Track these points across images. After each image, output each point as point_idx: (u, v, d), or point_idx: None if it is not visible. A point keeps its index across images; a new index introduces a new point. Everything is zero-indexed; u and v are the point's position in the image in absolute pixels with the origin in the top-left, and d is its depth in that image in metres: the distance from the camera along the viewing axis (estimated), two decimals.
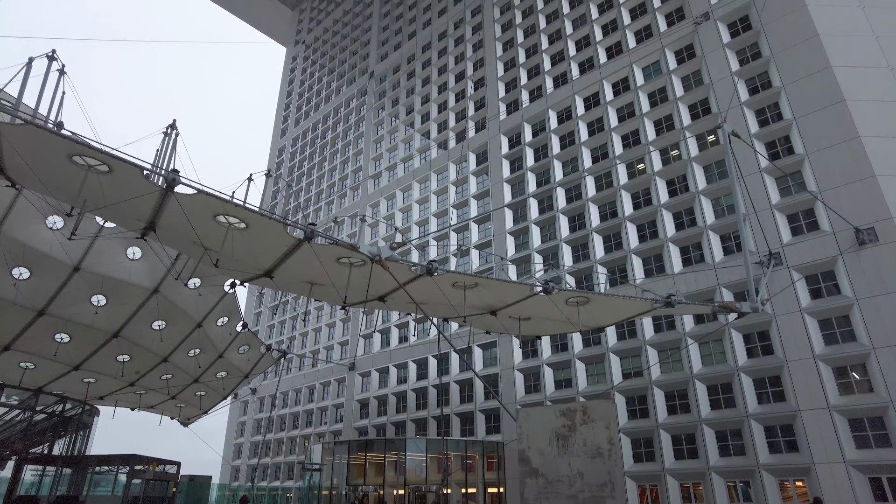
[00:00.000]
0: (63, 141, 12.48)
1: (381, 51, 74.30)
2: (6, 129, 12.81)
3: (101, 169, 13.68)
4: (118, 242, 22.11)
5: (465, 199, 52.91)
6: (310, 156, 79.48)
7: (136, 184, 14.01)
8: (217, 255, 17.35)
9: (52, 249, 20.93)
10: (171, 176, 13.49)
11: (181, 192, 14.07)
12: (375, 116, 70.07)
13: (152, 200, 14.82)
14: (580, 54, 48.62)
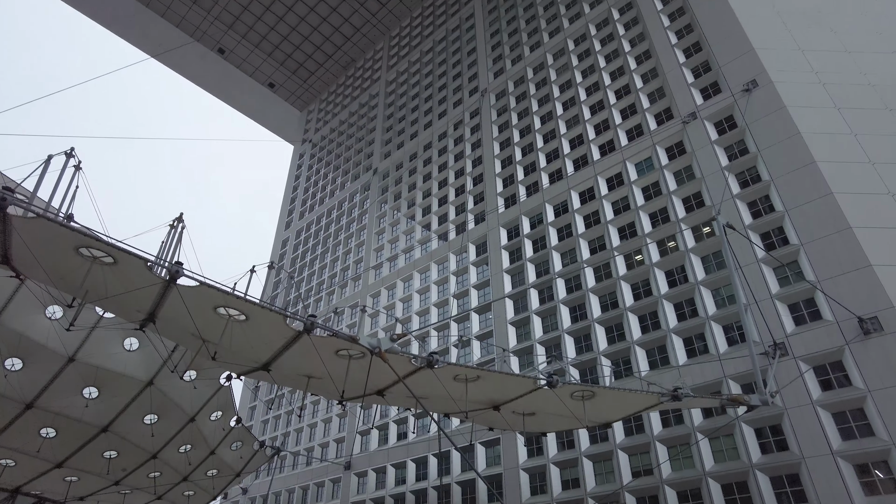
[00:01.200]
0: (71, 233, 12.75)
1: (384, 149, 77.60)
2: (18, 223, 13.12)
3: (105, 261, 13.86)
4: (116, 333, 21.94)
5: (466, 290, 53.03)
6: (312, 247, 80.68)
7: (140, 275, 14.14)
8: (215, 348, 17.15)
9: (48, 340, 20.71)
10: (174, 268, 13.64)
11: (183, 283, 14.17)
12: (378, 210, 71.90)
13: (154, 292, 14.88)
14: (574, 152, 50.71)
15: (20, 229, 13.34)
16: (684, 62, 45.82)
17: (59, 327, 20.17)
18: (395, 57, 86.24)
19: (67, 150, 19.25)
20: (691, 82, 44.43)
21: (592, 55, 54.42)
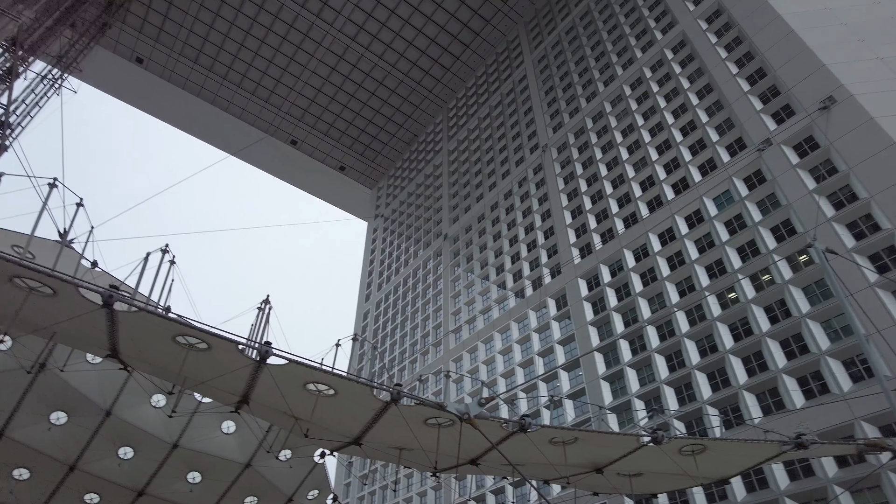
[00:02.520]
0: (169, 323, 13.44)
1: (452, 214, 79.03)
2: (122, 317, 14.04)
3: (200, 347, 14.46)
4: (214, 417, 22.64)
5: (550, 346, 51.43)
6: (392, 317, 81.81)
7: (232, 358, 14.61)
8: (307, 425, 17.23)
9: (154, 427, 21.66)
10: (264, 348, 14.00)
11: (273, 362, 14.49)
12: (451, 274, 72.41)
13: (246, 373, 15.29)
14: (646, 194, 49.39)
15: (125, 323, 14.24)
16: (749, 90, 44.31)
17: (162, 415, 21.10)
18: (455, 127, 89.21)
19: (162, 246, 20.76)
20: (760, 109, 42.73)
21: (651, 97, 53.86)
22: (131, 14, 79.71)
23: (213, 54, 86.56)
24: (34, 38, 43.72)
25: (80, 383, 20.36)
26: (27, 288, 13.66)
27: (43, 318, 15.42)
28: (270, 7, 79.99)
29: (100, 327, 14.83)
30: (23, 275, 13.15)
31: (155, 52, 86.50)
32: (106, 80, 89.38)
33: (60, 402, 20.70)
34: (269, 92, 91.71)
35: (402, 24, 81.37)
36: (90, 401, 20.81)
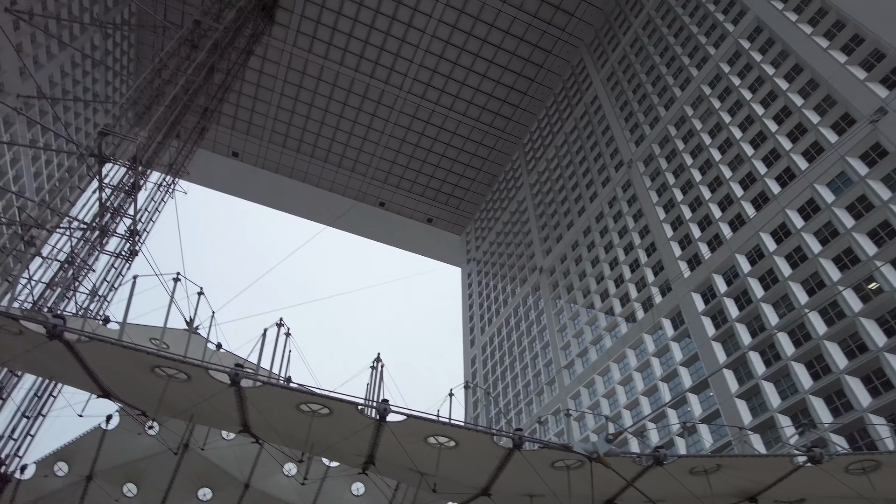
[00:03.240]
0: (292, 393, 14.04)
1: (544, 247, 78.00)
2: (250, 393, 14.87)
3: (322, 412, 14.94)
4: (343, 480, 23.11)
5: (673, 370, 48.30)
6: (500, 359, 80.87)
7: (353, 420, 14.94)
8: (434, 479, 17.11)
9: (289, 496, 22.43)
10: (382, 406, 14.22)
11: (393, 419, 14.67)
12: (554, 307, 70.80)
13: (369, 433, 15.54)
14: (749, 192, 46.18)
15: (252, 398, 15.07)
16: (846, 60, 40.77)
17: (295, 483, 21.84)
18: (532, 160, 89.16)
19: (277, 321, 22.01)
20: (864, 77, 39.06)
21: (734, 91, 51.05)
22: (224, 115, 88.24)
23: (298, 136, 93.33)
24: (149, 154, 49.38)
25: (219, 459, 21.62)
26: (166, 376, 14.89)
27: (182, 402, 16.68)
28: (343, 83, 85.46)
29: (231, 405, 15.80)
30: (161, 364, 14.37)
31: (247, 144, 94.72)
32: (210, 177, 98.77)
33: (205, 478, 22.03)
34: (352, 161, 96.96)
35: (466, 72, 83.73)
36: (230, 475, 22.00)
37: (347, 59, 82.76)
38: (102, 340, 13.64)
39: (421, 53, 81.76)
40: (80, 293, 42.46)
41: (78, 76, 69.60)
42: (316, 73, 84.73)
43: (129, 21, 76.54)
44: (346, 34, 79.71)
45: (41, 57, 60.15)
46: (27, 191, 63.71)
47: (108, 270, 44.68)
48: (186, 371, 14.24)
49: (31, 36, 56.94)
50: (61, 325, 12.82)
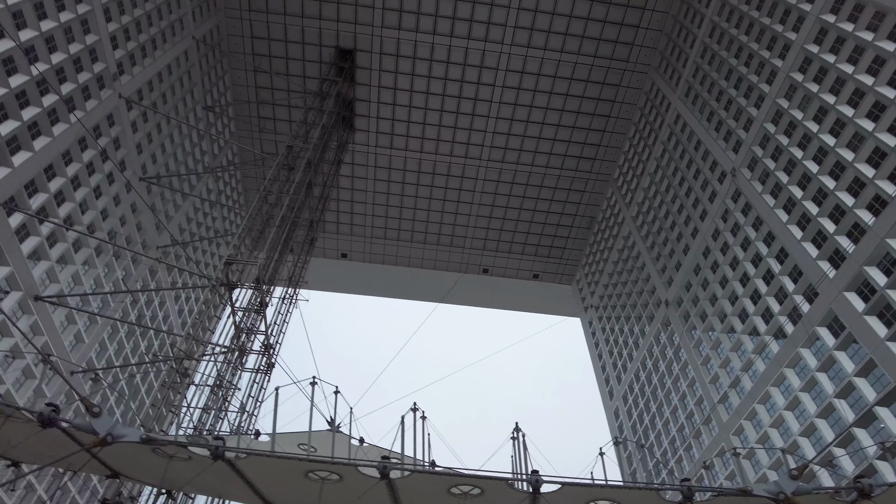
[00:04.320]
0: (441, 477, 13.87)
1: (663, 278, 73.89)
2: (401, 484, 14.88)
3: (473, 493, 14.56)
4: None
5: (847, 382, 42.48)
6: (645, 406, 75.57)
7: (507, 496, 14.39)
8: None
9: None
10: (533, 479, 13.64)
11: (547, 490, 13.96)
12: (690, 339, 65.88)
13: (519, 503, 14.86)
14: (881, 169, 41.43)
15: (404, 488, 15.04)
16: None
17: None
18: (628, 193, 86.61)
19: (412, 406, 22.23)
20: None
21: (831, 69, 47.23)
22: (327, 223, 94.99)
23: (396, 226, 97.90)
24: (270, 272, 53.83)
25: None
26: (319, 479, 15.35)
27: (340, 502, 17.01)
28: (426, 168, 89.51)
29: (384, 497, 15.86)
30: (313, 468, 14.88)
31: (353, 243, 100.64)
32: (325, 281, 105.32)
33: None
34: (449, 237, 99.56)
35: (540, 126, 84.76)
36: None
37: (426, 145, 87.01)
38: (258, 454, 14.42)
39: (493, 121, 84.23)
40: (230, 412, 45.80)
41: (200, 218, 78.65)
42: (400, 165, 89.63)
43: (233, 161, 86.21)
44: (419, 123, 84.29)
45: (170, 210, 68.89)
46: (175, 327, 71.26)
47: (251, 386, 48.08)
48: (337, 471, 14.59)
49: (160, 194, 65.66)
50: (222, 445, 13.76)
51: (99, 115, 51.76)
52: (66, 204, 49.20)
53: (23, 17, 41.49)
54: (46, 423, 12.94)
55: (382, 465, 13.91)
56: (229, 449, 14.25)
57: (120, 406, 59.54)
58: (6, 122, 41.04)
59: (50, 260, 47.51)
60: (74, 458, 13.79)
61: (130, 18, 54.93)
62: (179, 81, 67.16)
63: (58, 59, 45.37)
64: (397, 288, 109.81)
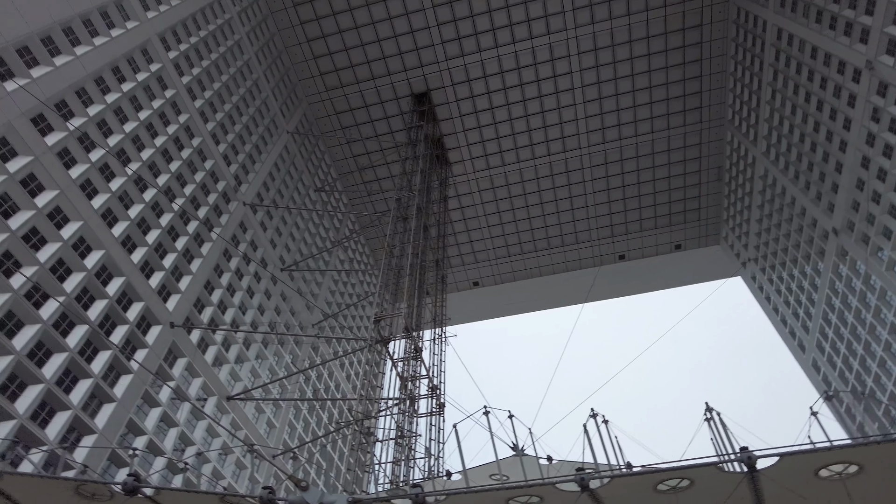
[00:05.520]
0: (645, 477, 13.13)
1: (821, 206, 65.74)
2: (603, 492, 14.29)
3: (682, 486, 13.59)
4: None
5: None
6: (849, 350, 66.59)
7: (719, 481, 13.26)
8: None
9: None
10: (745, 456, 12.46)
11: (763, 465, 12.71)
12: (879, 263, 57.51)
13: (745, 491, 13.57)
14: None
15: (607, 495, 14.42)
16: None
17: None
18: (749, 130, 79.07)
19: (590, 412, 21.51)
20: None
21: None
22: (451, 258, 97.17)
23: (517, 240, 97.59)
24: (415, 319, 55.92)
25: None
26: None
27: None
28: (528, 175, 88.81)
29: None
30: (512, 495, 14.81)
31: (480, 270, 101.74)
32: (467, 312, 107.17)
33: None
34: (573, 234, 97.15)
35: (632, 95, 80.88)
36: None
37: (521, 154, 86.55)
38: (456, 493, 14.66)
39: (581, 107, 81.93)
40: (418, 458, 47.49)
41: (341, 288, 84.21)
42: (502, 182, 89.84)
43: (355, 229, 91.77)
44: (509, 135, 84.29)
45: (314, 289, 74.58)
46: (347, 392, 76.08)
47: (429, 430, 49.63)
48: (536, 493, 14.39)
49: (302, 278, 71.42)
50: (421, 492, 14.19)
51: (232, 226, 57.93)
52: (228, 311, 55.16)
53: (156, 167, 48.06)
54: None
55: (580, 476, 13.48)
56: (429, 494, 14.66)
57: (321, 477, 64.23)
58: (167, 257, 47.30)
59: (229, 363, 53.23)
60: None
61: (234, 135, 61.43)
62: (288, 174, 73.46)
63: (190, 190, 51.76)
64: (537, 300, 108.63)
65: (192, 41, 55.85)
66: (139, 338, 41.60)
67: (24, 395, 31.93)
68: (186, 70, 54.36)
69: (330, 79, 79.78)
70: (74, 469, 31.91)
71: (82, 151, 39.91)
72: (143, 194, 45.39)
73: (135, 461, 37.23)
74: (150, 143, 47.31)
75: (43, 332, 33.77)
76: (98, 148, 41.36)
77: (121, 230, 42.02)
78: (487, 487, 14.17)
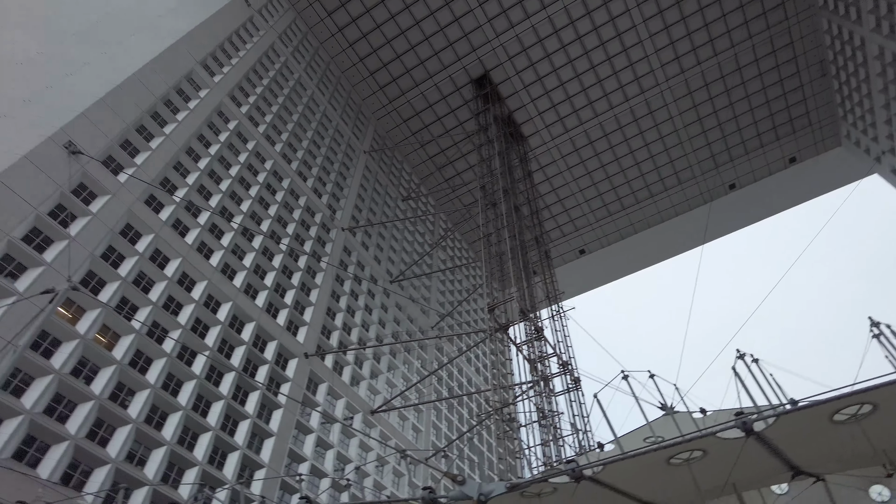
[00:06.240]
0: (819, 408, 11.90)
1: None
2: (770, 432, 13.11)
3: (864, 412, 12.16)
4: None
5: None
6: None
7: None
8: None
9: None
10: None
11: None
12: None
13: None
14: None
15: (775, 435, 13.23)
16: None
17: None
18: (848, 9, 70.05)
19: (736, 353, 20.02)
20: None
21: None
22: (549, 232, 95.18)
23: (613, 197, 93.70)
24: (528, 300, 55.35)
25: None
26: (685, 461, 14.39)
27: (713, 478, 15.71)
28: (609, 126, 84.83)
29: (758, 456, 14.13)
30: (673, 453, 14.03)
31: (584, 236, 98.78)
32: (580, 282, 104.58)
33: None
34: (673, 175, 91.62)
35: (700, 13, 74.71)
36: None
37: (597, 107, 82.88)
38: (613, 460, 14.13)
39: (648, 43, 76.93)
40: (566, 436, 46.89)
41: (449, 286, 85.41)
42: (584, 141, 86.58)
43: (448, 227, 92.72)
44: (580, 92, 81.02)
45: (424, 293, 76.28)
46: (482, 385, 76.96)
47: (570, 406, 48.86)
48: (698, 447, 13.51)
49: (410, 285, 73.28)
50: (576, 465, 13.82)
51: (337, 252, 60.62)
52: (353, 331, 57.75)
53: (257, 216, 51.38)
54: (431, 503, 14.52)
55: (741, 421, 12.47)
56: (585, 466, 14.26)
57: (475, 471, 65.45)
58: (287, 295, 50.38)
59: (365, 378, 55.72)
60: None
61: (317, 168, 64.28)
62: (375, 191, 75.67)
63: (292, 229, 54.82)
64: (651, 253, 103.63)
65: (258, 91, 59.13)
66: (280, 373, 44.67)
67: (198, 445, 35.40)
68: (260, 120, 57.64)
69: (390, 90, 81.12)
70: (254, 501, 34.88)
71: (191, 218, 43.53)
72: (252, 243, 48.68)
73: (302, 486, 40.04)
74: (245, 195, 50.66)
75: (200, 386, 37.24)
76: (204, 211, 44.94)
77: (241, 280, 45.34)
78: (645, 450, 13.51)
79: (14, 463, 25.96)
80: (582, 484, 14.06)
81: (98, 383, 31.43)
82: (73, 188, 34.91)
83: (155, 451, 32.76)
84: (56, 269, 30.99)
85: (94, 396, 30.45)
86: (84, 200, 35.64)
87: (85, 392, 30.25)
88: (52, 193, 33.09)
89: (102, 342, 32.96)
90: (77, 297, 32.33)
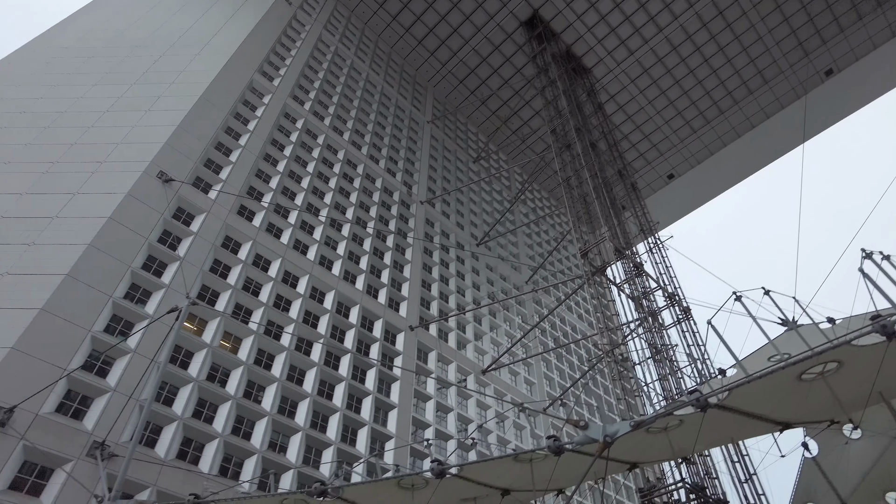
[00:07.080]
0: None
1: None
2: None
3: None
4: None
5: None
6: None
7: None
8: None
9: None
10: None
11: None
12: None
13: None
14: None
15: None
16: None
17: None
18: None
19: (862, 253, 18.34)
20: None
21: None
22: (631, 164, 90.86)
23: (693, 113, 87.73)
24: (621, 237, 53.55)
25: None
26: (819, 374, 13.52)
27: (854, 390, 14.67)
28: (677, 38, 78.85)
29: None
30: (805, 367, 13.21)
31: (670, 159, 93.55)
32: (674, 208, 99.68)
33: None
34: (757, 76, 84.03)
35: None
36: None
37: (660, 20, 77.11)
38: (739, 384, 13.54)
39: None
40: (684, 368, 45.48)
41: (536, 239, 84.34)
42: (652, 59, 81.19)
43: (525, 179, 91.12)
44: (639, 9, 75.58)
45: (512, 249, 75.90)
46: (587, 332, 76.06)
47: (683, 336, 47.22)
48: (833, 358, 12.61)
49: (497, 243, 73.10)
50: (700, 395, 13.39)
51: (421, 225, 61.54)
52: (450, 298, 58.84)
53: (341, 206, 53.12)
54: (558, 451, 14.69)
55: (881, 325, 11.43)
56: (710, 394, 13.78)
57: (595, 415, 65.33)
58: (382, 274, 52.02)
59: (470, 341, 56.81)
60: (595, 468, 15.19)
61: (386, 147, 65.07)
62: (445, 159, 75.61)
63: (374, 211, 56.21)
64: (746, 163, 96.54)
65: (316, 85, 60.37)
66: (391, 348, 46.57)
67: (329, 426, 37.92)
68: (324, 113, 58.97)
69: (441, 53, 79.97)
70: (389, 470, 37.04)
71: (282, 220, 45.77)
72: (342, 231, 50.51)
73: (431, 450, 41.92)
74: (326, 188, 52.41)
75: (322, 372, 39.67)
76: (292, 211, 47.07)
77: (339, 268, 47.33)
78: (772, 368, 12.80)
79: (179, 462, 29.19)
80: (709, 412, 13.61)
81: (231, 384, 34.36)
82: (172, 213, 37.77)
83: (292, 437, 35.49)
84: (175, 289, 33.89)
85: (230, 397, 33.35)
86: (184, 222, 38.47)
87: (222, 394, 33.19)
88: (157, 222, 35.97)
89: (227, 347, 35.86)
90: (197, 311, 35.25)
